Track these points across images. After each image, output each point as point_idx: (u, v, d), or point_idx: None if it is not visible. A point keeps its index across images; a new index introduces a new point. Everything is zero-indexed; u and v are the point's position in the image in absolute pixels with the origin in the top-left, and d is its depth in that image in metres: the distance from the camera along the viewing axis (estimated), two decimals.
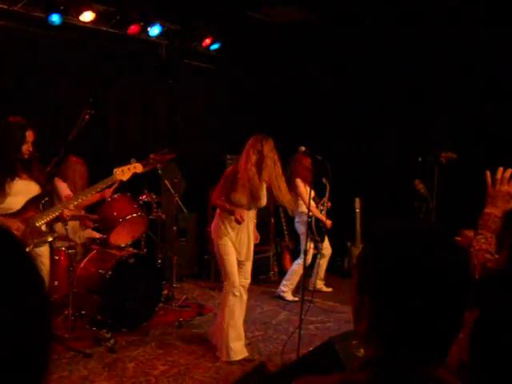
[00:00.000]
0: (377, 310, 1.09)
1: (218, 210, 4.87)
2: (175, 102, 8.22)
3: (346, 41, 7.93)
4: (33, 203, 4.11)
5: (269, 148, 4.63)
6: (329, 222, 6.78)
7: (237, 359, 4.68)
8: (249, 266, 4.92)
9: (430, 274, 1.05)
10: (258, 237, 5.08)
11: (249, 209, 4.77)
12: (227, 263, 4.72)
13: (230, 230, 4.75)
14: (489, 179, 2.24)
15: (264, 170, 4.62)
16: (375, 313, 1.09)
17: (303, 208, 6.63)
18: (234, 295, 4.71)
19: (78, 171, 5.82)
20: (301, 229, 6.72)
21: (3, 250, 0.79)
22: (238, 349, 4.71)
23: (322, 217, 6.76)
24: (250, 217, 4.85)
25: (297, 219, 6.87)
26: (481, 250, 2.18)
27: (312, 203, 6.55)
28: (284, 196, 4.77)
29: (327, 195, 6.68)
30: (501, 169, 2.24)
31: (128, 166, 4.47)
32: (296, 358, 4.16)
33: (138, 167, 4.55)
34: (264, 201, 4.81)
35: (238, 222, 4.63)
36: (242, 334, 4.82)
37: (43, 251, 4.28)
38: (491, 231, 2.20)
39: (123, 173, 4.43)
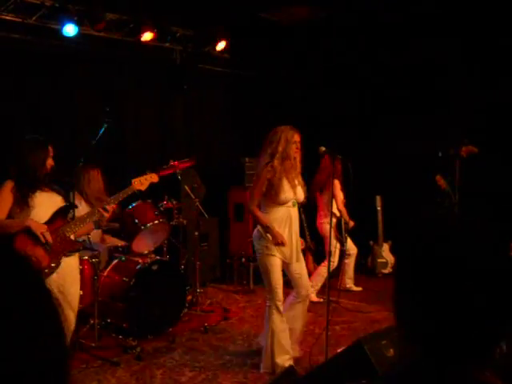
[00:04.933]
0: (416, 309, 1.06)
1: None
2: (191, 106, 8.22)
3: (359, 39, 7.87)
4: (60, 214, 4.10)
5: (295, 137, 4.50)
6: (351, 223, 6.78)
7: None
8: (302, 268, 4.59)
9: (471, 272, 1.02)
10: (302, 241, 4.90)
11: (293, 205, 4.53)
12: (272, 275, 4.39)
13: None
14: None
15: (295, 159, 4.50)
16: (414, 313, 1.07)
17: (334, 209, 6.62)
18: (278, 310, 4.42)
19: (94, 179, 5.78)
20: (327, 229, 6.58)
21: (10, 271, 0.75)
22: (282, 363, 4.41)
23: (347, 217, 6.77)
24: (297, 215, 4.60)
25: (324, 220, 6.78)
26: None
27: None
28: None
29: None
30: None
31: (145, 177, 4.50)
32: (324, 360, 4.12)
33: (153, 177, 4.57)
34: (301, 194, 4.58)
35: (281, 244, 4.39)
36: (288, 348, 4.50)
37: (73, 263, 4.23)
38: None
39: (141, 183, 4.46)
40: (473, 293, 1.01)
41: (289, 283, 4.73)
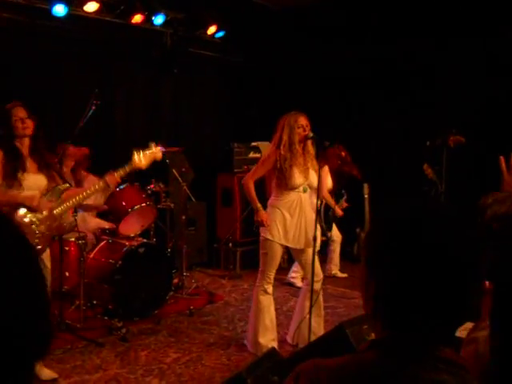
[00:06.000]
0: (380, 290, 1.09)
1: (271, 198, 4.56)
2: (181, 90, 8.19)
3: (349, 26, 7.86)
4: (52, 194, 4.08)
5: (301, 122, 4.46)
6: (340, 212, 6.84)
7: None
8: (310, 255, 4.48)
9: (429, 250, 1.05)
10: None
11: (304, 191, 4.51)
12: (270, 260, 4.47)
13: (286, 217, 4.48)
14: (503, 165, 2.08)
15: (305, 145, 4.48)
16: (379, 293, 1.10)
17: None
18: (265, 292, 4.52)
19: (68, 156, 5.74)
20: None
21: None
22: (265, 344, 4.48)
23: (334, 204, 6.83)
24: (308, 201, 4.58)
25: None
26: None
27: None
28: None
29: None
30: None
31: (147, 152, 4.08)
32: (307, 343, 4.17)
33: (157, 153, 4.10)
34: (315, 179, 4.43)
35: (261, 224, 4.45)
36: (272, 329, 4.61)
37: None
38: None
39: (140, 160, 4.06)
40: (429, 272, 1.04)
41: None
